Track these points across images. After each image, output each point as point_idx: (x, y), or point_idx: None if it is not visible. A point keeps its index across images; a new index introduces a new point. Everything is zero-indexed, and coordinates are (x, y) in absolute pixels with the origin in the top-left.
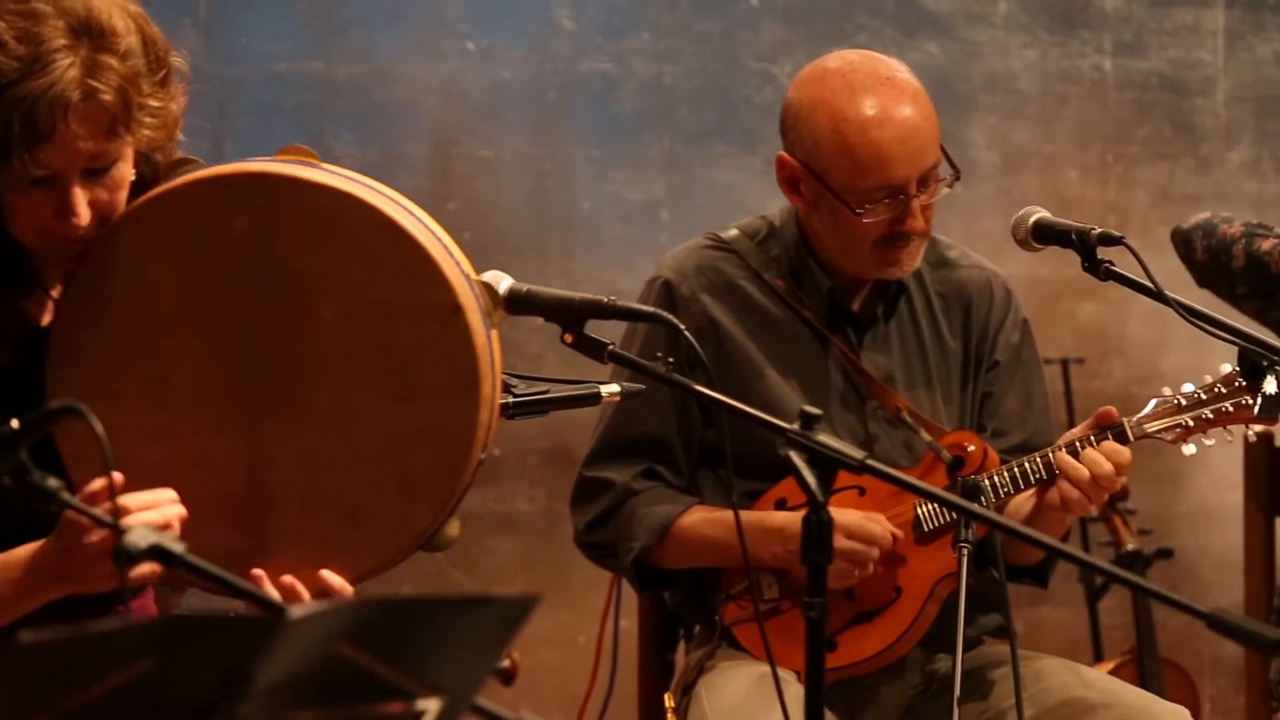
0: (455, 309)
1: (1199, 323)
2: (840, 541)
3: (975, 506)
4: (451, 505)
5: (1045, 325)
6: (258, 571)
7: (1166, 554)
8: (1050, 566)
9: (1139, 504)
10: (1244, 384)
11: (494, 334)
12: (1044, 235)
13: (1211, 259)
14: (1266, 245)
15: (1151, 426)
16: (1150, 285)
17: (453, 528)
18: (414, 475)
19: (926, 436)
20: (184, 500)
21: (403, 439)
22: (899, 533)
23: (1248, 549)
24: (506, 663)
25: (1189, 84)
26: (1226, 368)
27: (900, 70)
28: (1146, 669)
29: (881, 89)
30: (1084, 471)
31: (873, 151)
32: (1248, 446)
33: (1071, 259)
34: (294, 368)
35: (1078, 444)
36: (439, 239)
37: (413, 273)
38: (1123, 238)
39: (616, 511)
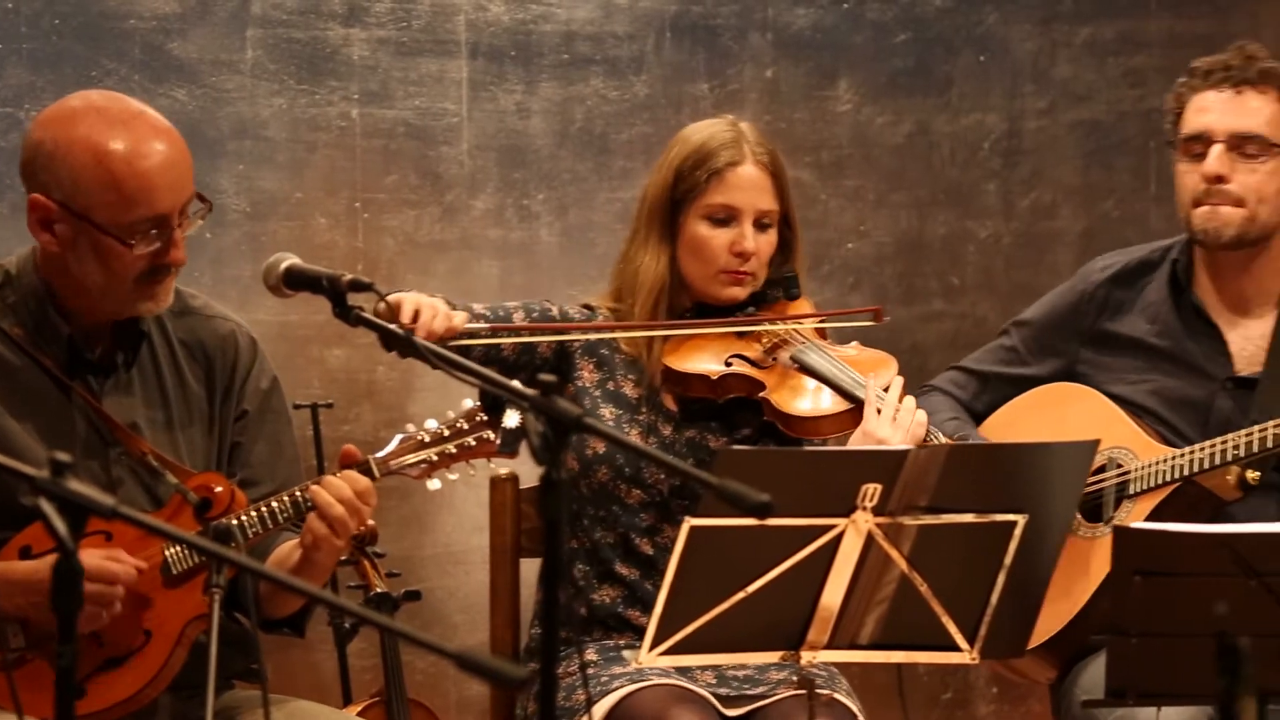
0: None
1: (445, 367)
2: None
3: (223, 550)
4: None
5: (295, 371)
6: None
7: (415, 596)
8: (307, 616)
9: (387, 547)
10: (485, 419)
11: None
12: (295, 282)
13: None
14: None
15: (397, 463)
16: (399, 331)
17: None
18: None
19: (173, 479)
20: None
21: None
22: (142, 564)
23: (494, 589)
24: None
25: (434, 133)
26: (468, 403)
27: (147, 108)
28: (395, 710)
29: (137, 123)
30: (337, 508)
31: (140, 183)
32: (493, 488)
33: (321, 305)
34: None
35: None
36: None
37: None
38: (373, 284)
39: None
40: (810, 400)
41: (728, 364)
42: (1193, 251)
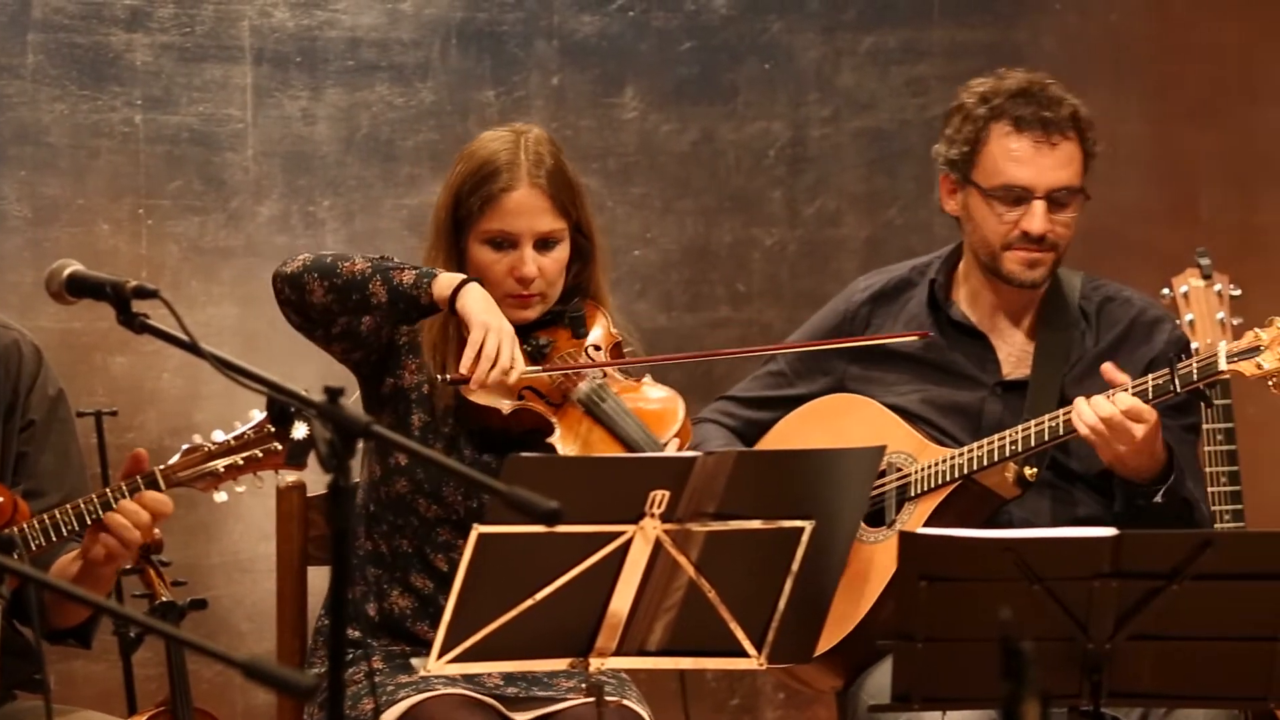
0: None
1: (232, 374)
2: None
3: (7, 560)
4: None
5: (78, 378)
6: None
7: (201, 605)
8: (94, 626)
9: (173, 555)
10: (273, 431)
11: None
12: (78, 288)
13: (341, 297)
14: (407, 278)
15: (184, 474)
16: (184, 338)
17: None
18: None
19: None
20: None
21: None
22: None
23: (280, 598)
24: None
25: (219, 139)
26: (257, 415)
27: None
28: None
29: None
30: (132, 531)
31: None
32: (280, 496)
33: (105, 311)
34: None
35: (110, 495)
36: None
37: None
38: (157, 291)
39: None
40: (593, 453)
41: (520, 397)
42: (952, 271)
